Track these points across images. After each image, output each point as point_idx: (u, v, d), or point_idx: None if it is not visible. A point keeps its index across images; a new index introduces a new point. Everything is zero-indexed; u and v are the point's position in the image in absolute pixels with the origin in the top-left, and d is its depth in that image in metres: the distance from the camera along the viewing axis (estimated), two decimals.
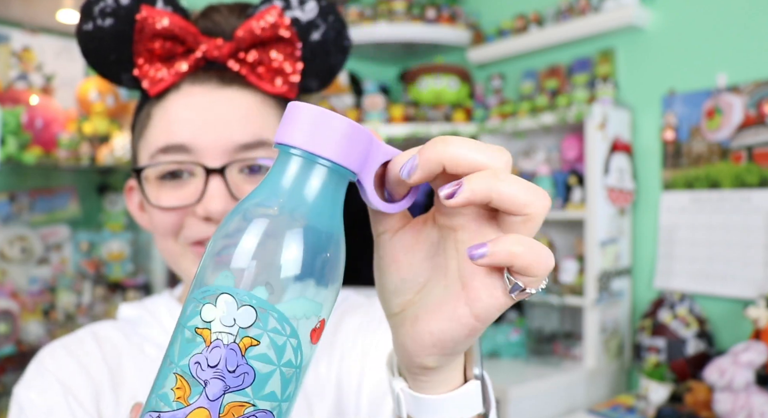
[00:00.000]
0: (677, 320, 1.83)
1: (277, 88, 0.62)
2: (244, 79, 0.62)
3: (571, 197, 2.11)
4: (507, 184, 0.31)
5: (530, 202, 0.32)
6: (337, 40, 0.64)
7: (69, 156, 1.84)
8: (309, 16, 0.62)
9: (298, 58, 0.62)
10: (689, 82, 2.00)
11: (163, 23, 0.58)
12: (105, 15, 0.59)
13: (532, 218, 0.33)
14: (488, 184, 0.31)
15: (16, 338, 1.74)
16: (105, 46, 0.60)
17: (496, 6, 2.60)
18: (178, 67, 0.60)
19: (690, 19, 2.00)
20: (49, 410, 0.62)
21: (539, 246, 0.32)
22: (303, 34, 0.62)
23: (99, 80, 1.97)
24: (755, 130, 1.84)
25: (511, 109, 2.34)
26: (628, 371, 2.13)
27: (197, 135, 0.59)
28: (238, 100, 0.61)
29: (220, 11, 0.65)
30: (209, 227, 0.59)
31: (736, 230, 1.87)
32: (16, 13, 1.91)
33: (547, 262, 0.33)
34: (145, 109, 0.64)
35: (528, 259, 0.32)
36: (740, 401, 1.53)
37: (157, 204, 0.60)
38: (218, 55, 0.61)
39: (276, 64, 0.62)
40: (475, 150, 0.32)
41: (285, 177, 0.32)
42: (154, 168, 0.60)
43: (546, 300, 2.05)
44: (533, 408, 1.85)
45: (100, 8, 0.59)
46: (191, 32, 0.60)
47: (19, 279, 1.87)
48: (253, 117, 0.61)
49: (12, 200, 1.92)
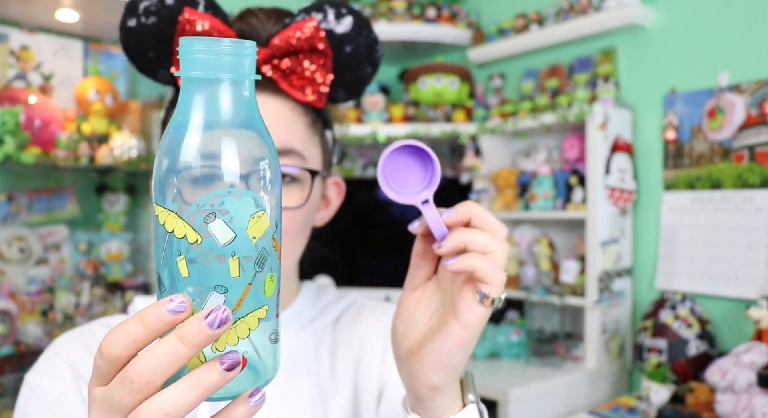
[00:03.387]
0: (679, 321, 1.83)
1: (306, 97, 0.64)
2: (275, 86, 0.64)
3: (572, 197, 2.10)
4: (491, 269, 0.47)
5: (499, 279, 0.47)
6: (369, 54, 0.66)
7: (67, 156, 1.84)
8: (344, 29, 0.64)
9: (330, 69, 0.64)
10: (691, 81, 1.99)
11: (204, 26, 0.61)
12: (149, 13, 0.61)
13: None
14: (476, 264, 0.47)
15: (14, 338, 1.74)
16: (146, 42, 0.63)
17: (496, 5, 2.59)
18: None
19: (692, 18, 2.00)
20: (60, 396, 0.63)
21: (493, 262, 0.47)
22: (336, 46, 0.64)
23: (97, 80, 1.96)
24: (757, 130, 1.84)
25: (511, 109, 2.33)
26: (630, 372, 2.12)
27: None
28: (268, 105, 0.63)
29: (257, 16, 0.67)
30: None
31: (738, 230, 1.86)
32: (14, 12, 1.90)
33: (500, 275, 0.47)
34: None
35: (483, 269, 0.46)
36: (742, 402, 1.52)
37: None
38: None
39: (308, 73, 0.64)
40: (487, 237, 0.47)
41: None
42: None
43: (547, 300, 2.04)
44: (534, 409, 1.84)
45: (145, 6, 0.61)
46: (229, 36, 0.62)
47: (17, 279, 1.86)
48: (282, 124, 0.63)
49: (10, 200, 1.91)
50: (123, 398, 0.35)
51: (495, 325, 2.23)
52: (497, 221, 0.49)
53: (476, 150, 2.38)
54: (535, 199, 2.19)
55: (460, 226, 0.49)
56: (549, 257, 2.23)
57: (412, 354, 0.50)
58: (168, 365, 0.34)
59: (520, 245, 2.30)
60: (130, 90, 2.15)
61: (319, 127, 0.70)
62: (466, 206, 0.49)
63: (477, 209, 0.49)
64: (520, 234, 2.32)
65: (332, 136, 0.74)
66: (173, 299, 0.35)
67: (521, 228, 2.34)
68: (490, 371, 1.98)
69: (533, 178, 2.22)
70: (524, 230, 2.32)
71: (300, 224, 0.66)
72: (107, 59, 2.09)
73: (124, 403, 0.35)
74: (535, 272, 2.21)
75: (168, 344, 0.34)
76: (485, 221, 0.48)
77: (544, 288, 2.05)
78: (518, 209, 2.26)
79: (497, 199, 2.31)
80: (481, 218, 0.48)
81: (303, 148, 0.65)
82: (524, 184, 2.28)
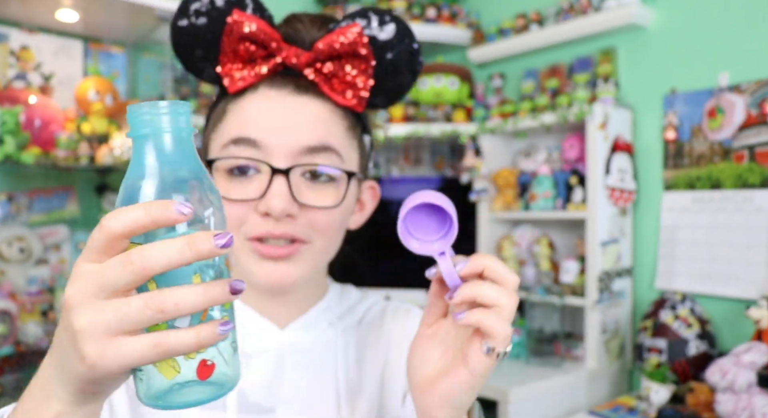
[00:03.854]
0: (679, 321, 1.82)
1: (347, 101, 0.67)
2: (317, 88, 0.66)
3: (572, 197, 2.10)
4: (497, 324, 0.50)
5: (504, 334, 0.51)
6: (410, 62, 0.68)
7: (68, 156, 1.83)
8: (386, 36, 0.66)
9: (371, 75, 0.66)
10: (691, 81, 1.99)
11: (251, 28, 0.64)
12: (199, 14, 0.64)
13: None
14: (482, 319, 0.50)
15: (14, 338, 1.73)
16: (194, 42, 0.65)
17: (496, 5, 2.59)
18: (258, 69, 0.66)
19: (692, 17, 2.00)
20: None
21: (499, 318, 0.50)
22: (378, 52, 0.66)
23: (97, 80, 1.96)
24: (757, 130, 1.84)
25: (511, 109, 2.33)
26: (630, 372, 2.12)
27: (268, 134, 0.63)
28: (309, 106, 0.65)
29: (303, 21, 0.69)
30: (267, 223, 0.63)
31: (738, 230, 1.86)
32: (14, 12, 1.90)
33: (506, 330, 0.50)
34: (222, 105, 0.68)
35: (490, 324, 0.49)
36: (742, 403, 1.52)
37: (224, 195, 0.63)
38: (297, 62, 0.66)
39: (349, 78, 0.66)
40: (499, 292, 0.50)
41: None
42: (224, 161, 0.65)
43: (547, 300, 2.04)
44: (534, 409, 1.84)
45: (196, 8, 0.64)
46: (275, 38, 0.65)
47: (17, 279, 1.86)
48: (321, 124, 0.65)
49: (10, 200, 1.91)
50: (118, 276, 0.36)
51: None
52: (509, 272, 0.51)
53: (476, 150, 2.38)
54: (535, 200, 2.19)
55: (472, 276, 0.51)
56: (549, 257, 2.23)
57: (422, 389, 0.54)
58: (169, 261, 0.36)
59: (520, 245, 2.30)
60: (130, 90, 2.15)
61: (358, 131, 0.71)
62: (479, 260, 0.51)
63: (490, 261, 0.51)
64: (520, 234, 2.32)
65: (370, 142, 0.75)
66: (181, 204, 0.37)
67: (521, 228, 2.34)
68: None
69: (533, 178, 2.22)
70: (524, 230, 2.32)
71: (336, 223, 0.67)
72: (107, 59, 2.09)
73: (119, 281, 0.37)
74: (535, 272, 2.21)
75: (176, 243, 0.36)
76: (497, 273, 0.50)
77: (544, 288, 2.05)
78: (518, 209, 2.26)
79: (497, 200, 2.31)
80: (493, 270, 0.50)
81: (341, 148, 0.67)
82: (524, 184, 2.28)
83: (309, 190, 0.65)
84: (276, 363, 0.69)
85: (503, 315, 0.50)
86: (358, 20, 0.66)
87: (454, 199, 0.53)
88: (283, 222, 0.63)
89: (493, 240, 2.37)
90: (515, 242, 2.31)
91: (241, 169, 0.64)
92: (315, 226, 0.65)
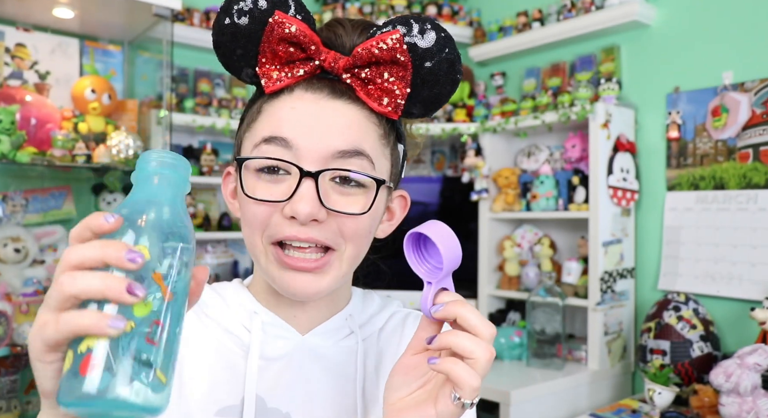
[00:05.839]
0: (682, 322, 1.81)
1: (382, 107, 0.66)
2: (353, 93, 0.66)
3: (574, 197, 2.08)
4: (467, 376, 0.52)
5: (471, 387, 0.53)
6: (449, 71, 0.67)
7: (64, 155, 1.81)
8: (427, 44, 0.65)
9: (408, 83, 0.66)
10: (694, 80, 1.97)
11: (292, 29, 0.64)
12: (242, 13, 0.64)
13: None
14: (452, 369, 0.53)
15: (9, 340, 1.72)
16: (235, 41, 0.65)
17: (497, 3, 2.57)
18: (296, 71, 0.66)
19: (695, 15, 1.98)
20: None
21: (469, 371, 0.52)
22: (417, 60, 0.65)
23: (94, 78, 1.94)
24: (762, 129, 1.82)
25: (513, 108, 2.31)
26: (632, 374, 2.10)
27: (301, 136, 0.63)
28: (344, 110, 0.65)
29: (344, 26, 0.69)
30: (292, 226, 0.63)
31: (742, 230, 1.84)
32: (10, 10, 1.88)
33: (474, 382, 0.52)
34: (258, 105, 0.68)
35: (459, 375, 0.52)
36: (747, 405, 1.51)
37: (250, 194, 0.64)
38: (335, 66, 0.66)
39: (387, 84, 0.66)
40: (473, 342, 0.53)
41: None
42: (254, 160, 0.65)
43: (548, 301, 2.02)
44: (536, 411, 1.82)
45: (239, 7, 0.64)
46: (314, 42, 0.65)
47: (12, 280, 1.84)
48: (355, 128, 0.65)
49: (5, 200, 1.89)
50: (53, 287, 0.42)
51: (496, 326, 2.20)
52: (485, 323, 0.53)
53: (477, 149, 2.36)
54: (536, 199, 2.17)
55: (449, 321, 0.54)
56: (551, 258, 2.21)
57: (391, 414, 0.57)
58: (83, 257, 0.41)
59: (521, 245, 2.29)
60: (127, 89, 2.13)
61: (392, 139, 0.71)
62: (453, 307, 0.54)
63: (465, 311, 0.53)
64: (521, 234, 2.30)
65: (404, 151, 0.75)
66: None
67: (523, 228, 2.32)
68: (492, 373, 1.96)
69: (535, 178, 2.20)
70: (526, 230, 2.30)
71: (364, 231, 0.67)
72: (104, 57, 2.07)
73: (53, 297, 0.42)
74: (537, 273, 2.20)
75: (92, 245, 0.42)
76: (469, 324, 0.53)
77: (545, 289, 2.03)
78: (520, 208, 2.24)
79: (498, 199, 2.29)
80: (466, 321, 0.53)
81: (373, 154, 0.67)
82: (526, 184, 2.26)
83: (338, 195, 0.64)
84: (295, 369, 0.69)
85: (476, 367, 0.52)
86: (399, 27, 0.65)
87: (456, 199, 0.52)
88: (309, 226, 0.63)
89: (494, 240, 2.35)
90: (516, 242, 2.29)
91: (270, 169, 0.64)
92: (343, 232, 0.65)
